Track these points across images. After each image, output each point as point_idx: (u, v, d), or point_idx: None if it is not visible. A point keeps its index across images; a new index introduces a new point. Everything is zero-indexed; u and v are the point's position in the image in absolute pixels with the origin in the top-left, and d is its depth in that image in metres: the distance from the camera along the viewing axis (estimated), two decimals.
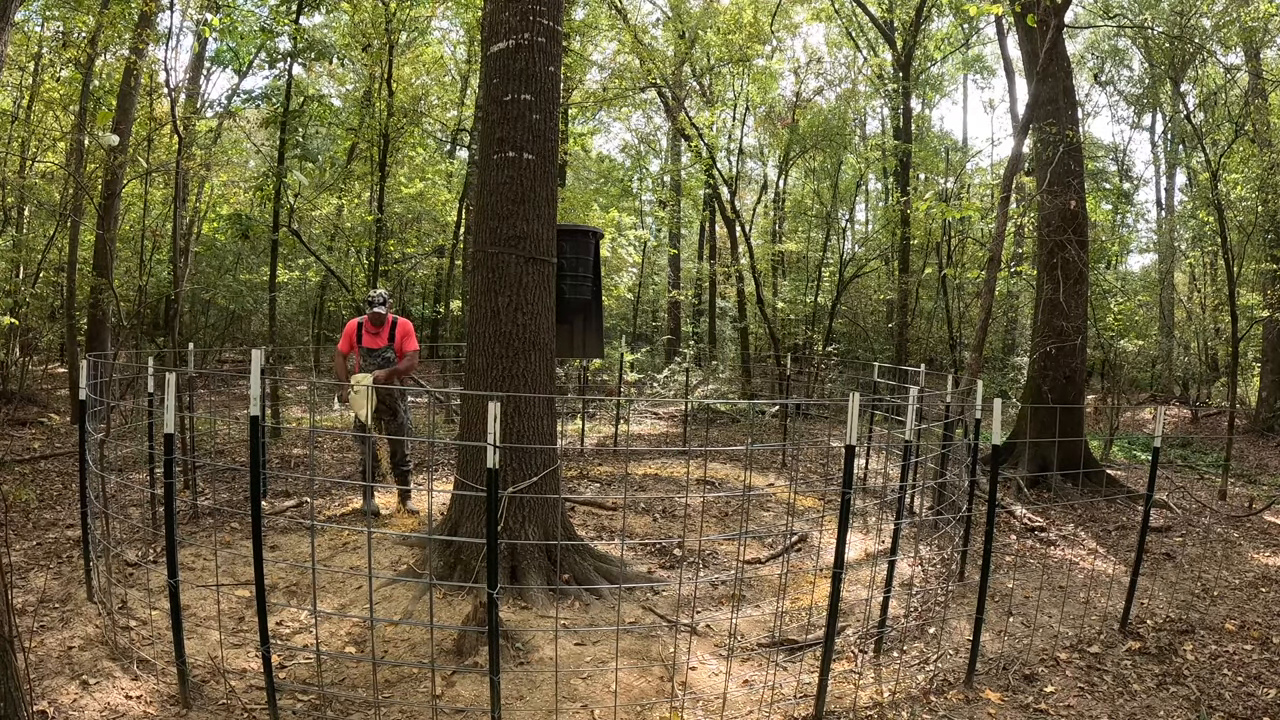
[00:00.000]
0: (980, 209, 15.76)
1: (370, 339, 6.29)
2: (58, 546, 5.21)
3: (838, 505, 3.40)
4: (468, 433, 4.97)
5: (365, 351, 6.29)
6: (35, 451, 8.00)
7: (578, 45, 15.02)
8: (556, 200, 5.04)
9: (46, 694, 3.29)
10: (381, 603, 4.50)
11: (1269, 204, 11.47)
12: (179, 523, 5.40)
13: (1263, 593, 5.34)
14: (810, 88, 17.95)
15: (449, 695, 3.56)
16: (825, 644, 3.39)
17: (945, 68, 22.45)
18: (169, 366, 8.07)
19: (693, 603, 4.75)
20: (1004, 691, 3.76)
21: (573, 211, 13.56)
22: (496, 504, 3.13)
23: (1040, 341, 8.56)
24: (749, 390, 15.03)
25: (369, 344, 6.28)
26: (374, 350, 6.27)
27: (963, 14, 16.41)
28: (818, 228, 20.16)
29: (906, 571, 5.37)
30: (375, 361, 6.24)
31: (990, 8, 8.14)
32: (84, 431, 4.34)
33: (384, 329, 6.30)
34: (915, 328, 17.31)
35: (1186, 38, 12.03)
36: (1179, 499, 7.89)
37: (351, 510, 6.59)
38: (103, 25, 9.41)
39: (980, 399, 5.19)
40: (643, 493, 7.68)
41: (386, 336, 6.30)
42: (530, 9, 4.74)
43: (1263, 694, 3.82)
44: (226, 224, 10.88)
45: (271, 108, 12.44)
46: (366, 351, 6.28)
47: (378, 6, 11.70)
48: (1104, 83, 21.70)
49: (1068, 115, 8.51)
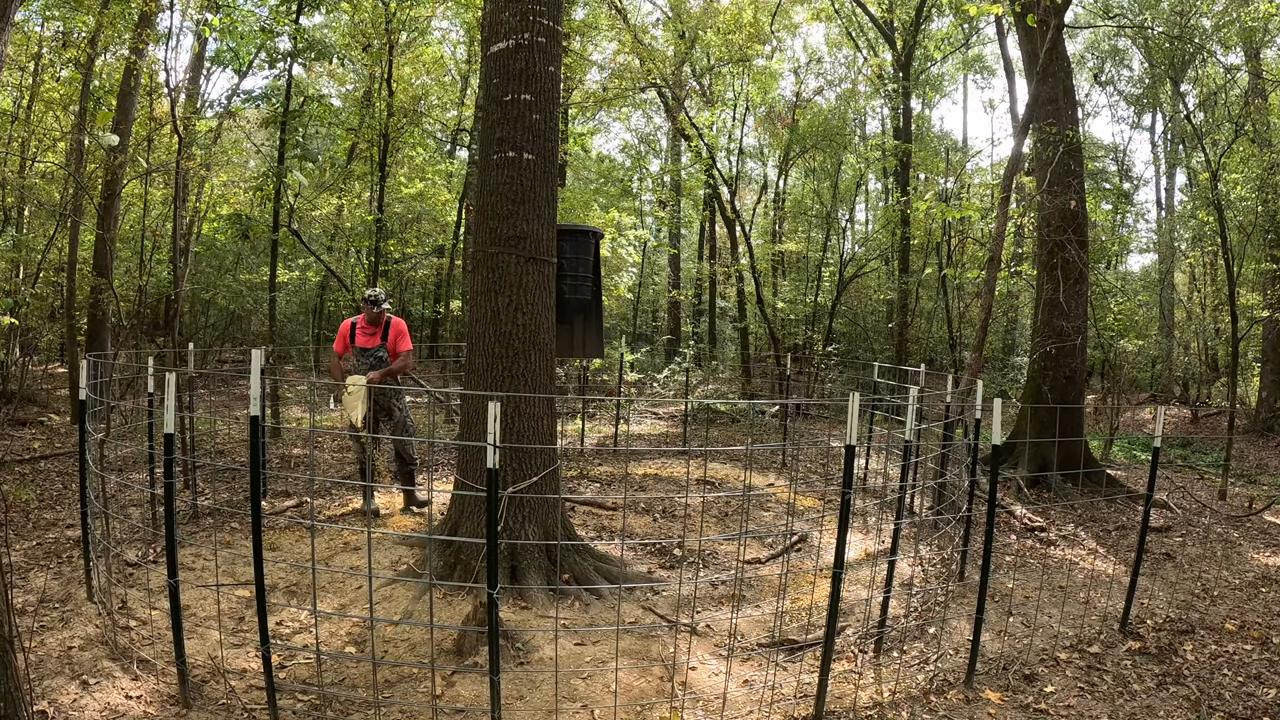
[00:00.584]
0: (980, 209, 15.76)
1: (364, 338, 6.26)
2: (58, 546, 5.21)
3: (838, 505, 3.40)
4: (468, 433, 4.97)
5: (359, 351, 6.26)
6: (35, 451, 8.00)
7: (578, 45, 15.01)
8: (556, 200, 5.04)
9: (46, 694, 3.29)
10: (381, 603, 4.50)
11: (1269, 204, 11.46)
12: (179, 523, 5.40)
13: (1263, 593, 5.34)
14: (810, 88, 17.97)
15: (449, 695, 3.56)
16: (825, 644, 3.39)
17: (945, 68, 22.46)
18: (169, 366, 8.08)
19: (693, 603, 4.75)
20: (1004, 691, 3.76)
21: (573, 211, 13.55)
22: (496, 504, 3.13)
23: (1040, 341, 8.56)
24: (749, 390, 15.02)
25: (363, 343, 6.25)
26: (367, 350, 6.24)
27: (963, 14, 16.41)
28: (818, 228, 20.16)
29: (906, 571, 5.37)
30: (368, 361, 6.21)
31: (990, 8, 8.13)
32: (84, 431, 4.34)
33: (379, 329, 6.27)
34: (915, 328, 17.31)
35: (1186, 38, 12.04)
36: (1179, 499, 7.88)
37: (351, 510, 6.59)
38: (103, 25, 9.41)
39: (980, 399, 5.19)
40: (643, 493, 7.68)
41: (380, 336, 6.26)
42: (530, 9, 4.74)
43: (1263, 694, 3.81)
44: (226, 224, 10.88)
45: (271, 108, 12.45)
46: (360, 351, 6.26)
47: (378, 6, 11.70)
48: (1104, 83, 21.71)
49: (1068, 115, 8.51)
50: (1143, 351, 17.50)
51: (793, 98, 18.80)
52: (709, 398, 14.50)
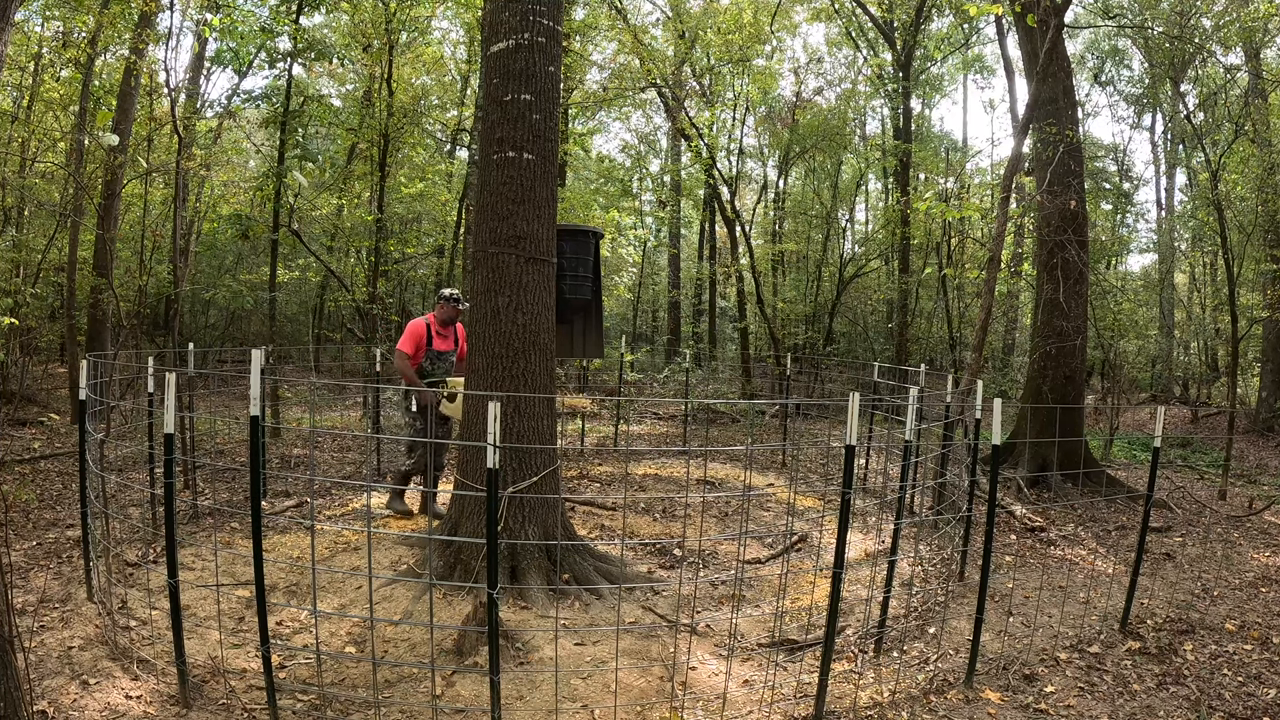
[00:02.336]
0: (980, 209, 15.77)
1: (441, 341, 6.06)
2: (58, 546, 5.21)
3: (838, 505, 3.40)
4: (468, 433, 4.97)
5: (434, 355, 6.04)
6: (35, 451, 8.00)
7: (578, 45, 15.01)
8: (556, 200, 5.04)
9: (46, 694, 3.29)
10: (381, 603, 4.50)
11: (1269, 204, 11.46)
12: (179, 523, 5.40)
13: (1263, 593, 5.34)
14: (810, 88, 17.98)
15: (449, 695, 3.55)
16: (825, 644, 3.39)
17: (945, 68, 22.44)
18: (169, 366, 8.07)
19: (693, 603, 4.75)
20: (1004, 691, 3.76)
21: (573, 211, 13.55)
22: (496, 504, 3.13)
23: (1040, 341, 8.56)
24: (749, 390, 15.02)
25: (440, 347, 6.06)
26: (444, 354, 6.07)
27: (963, 14, 16.40)
28: (818, 228, 20.15)
29: (906, 571, 5.37)
30: (444, 366, 6.06)
31: (990, 8, 8.13)
32: (84, 431, 4.34)
33: (451, 331, 6.12)
34: (915, 328, 17.30)
35: (1186, 38, 12.04)
36: (1179, 499, 7.88)
37: (351, 510, 6.59)
38: (103, 25, 9.41)
39: (980, 399, 5.19)
40: (643, 493, 7.68)
41: (452, 340, 6.12)
42: (530, 9, 4.74)
43: (1263, 694, 3.82)
44: (226, 224, 10.86)
45: (271, 108, 12.43)
46: (436, 355, 6.04)
47: (378, 6, 11.69)
48: (1104, 83, 21.71)
49: (1068, 115, 8.51)
50: (1143, 351, 17.50)
51: (793, 98, 18.81)
52: (709, 398, 14.50)
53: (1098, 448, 10.07)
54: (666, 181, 23.31)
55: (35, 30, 11.03)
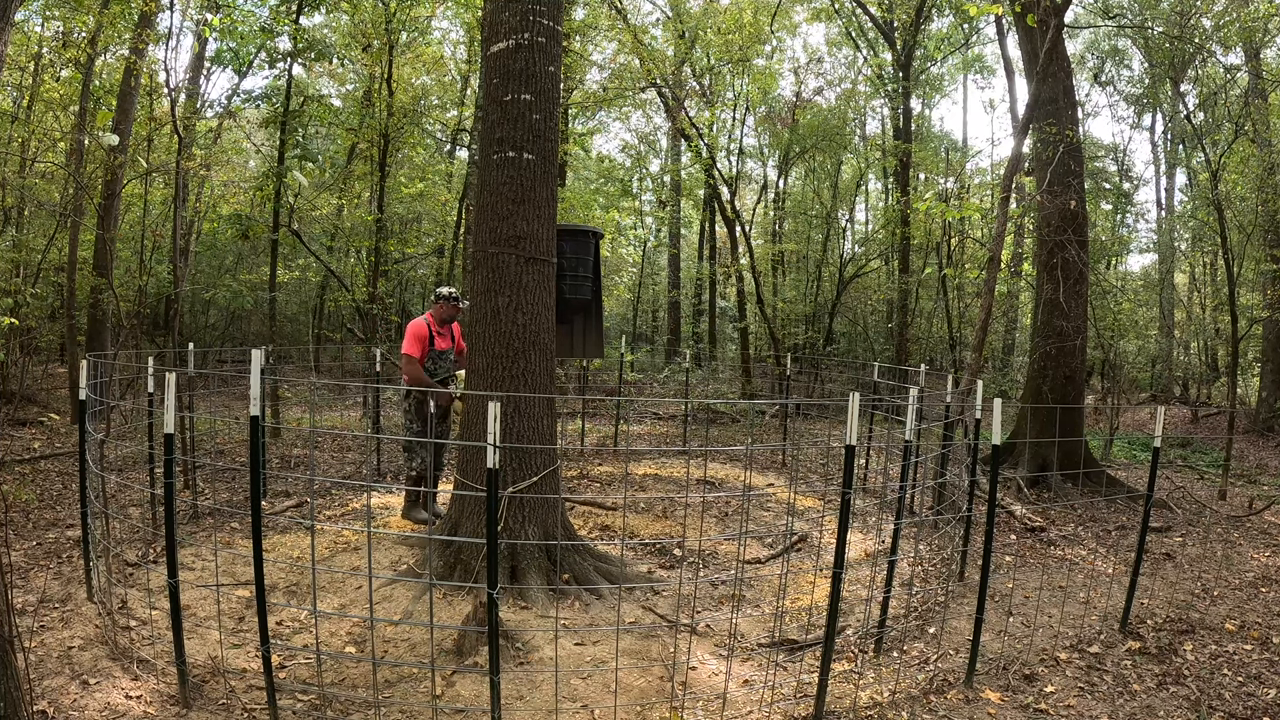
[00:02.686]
0: (980, 209, 15.77)
1: (441, 341, 6.04)
2: (58, 546, 5.21)
3: (838, 505, 3.40)
4: (468, 432, 4.96)
5: (437, 354, 6.01)
6: (35, 451, 8.00)
7: (578, 45, 15.01)
8: (556, 200, 5.04)
9: (46, 694, 3.29)
10: (381, 603, 4.50)
11: (1269, 204, 11.46)
12: (179, 523, 5.40)
13: (1263, 593, 5.34)
14: (810, 88, 17.98)
15: (449, 695, 3.56)
16: (825, 644, 3.39)
17: (945, 68, 22.42)
18: (169, 366, 8.07)
19: (693, 602, 4.75)
20: (1004, 691, 3.76)
21: (573, 211, 13.55)
22: (496, 504, 3.14)
23: (1040, 341, 8.56)
24: (749, 390, 15.03)
25: (441, 346, 6.04)
26: (444, 353, 6.06)
27: (963, 14, 16.41)
28: (818, 228, 20.15)
29: (906, 571, 5.37)
30: (446, 365, 6.05)
31: (990, 8, 8.14)
32: (84, 431, 4.34)
33: (449, 330, 6.11)
34: (915, 328, 17.31)
35: (1186, 38, 12.04)
36: (1179, 499, 7.88)
37: (351, 510, 6.59)
38: (103, 25, 9.41)
39: (980, 399, 5.19)
40: (643, 493, 7.68)
41: (450, 338, 6.11)
42: (530, 9, 4.74)
43: (1263, 694, 3.82)
44: (226, 224, 10.87)
45: (271, 108, 12.44)
46: (438, 354, 6.02)
47: (378, 6, 11.69)
48: (1104, 83, 21.70)
49: (1068, 115, 8.51)
50: (1143, 351, 17.50)
51: (793, 98, 18.81)
52: (709, 398, 14.50)
53: (1098, 448, 10.07)
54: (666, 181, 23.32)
55: (35, 30, 11.02)
